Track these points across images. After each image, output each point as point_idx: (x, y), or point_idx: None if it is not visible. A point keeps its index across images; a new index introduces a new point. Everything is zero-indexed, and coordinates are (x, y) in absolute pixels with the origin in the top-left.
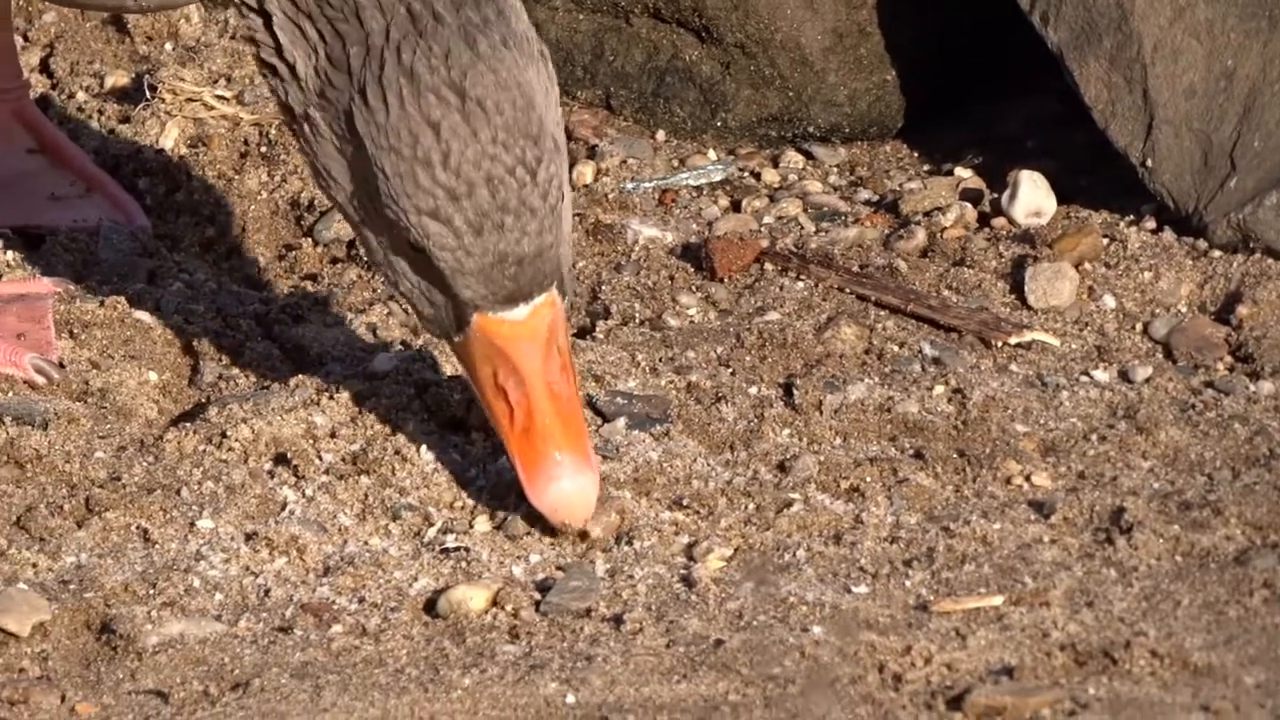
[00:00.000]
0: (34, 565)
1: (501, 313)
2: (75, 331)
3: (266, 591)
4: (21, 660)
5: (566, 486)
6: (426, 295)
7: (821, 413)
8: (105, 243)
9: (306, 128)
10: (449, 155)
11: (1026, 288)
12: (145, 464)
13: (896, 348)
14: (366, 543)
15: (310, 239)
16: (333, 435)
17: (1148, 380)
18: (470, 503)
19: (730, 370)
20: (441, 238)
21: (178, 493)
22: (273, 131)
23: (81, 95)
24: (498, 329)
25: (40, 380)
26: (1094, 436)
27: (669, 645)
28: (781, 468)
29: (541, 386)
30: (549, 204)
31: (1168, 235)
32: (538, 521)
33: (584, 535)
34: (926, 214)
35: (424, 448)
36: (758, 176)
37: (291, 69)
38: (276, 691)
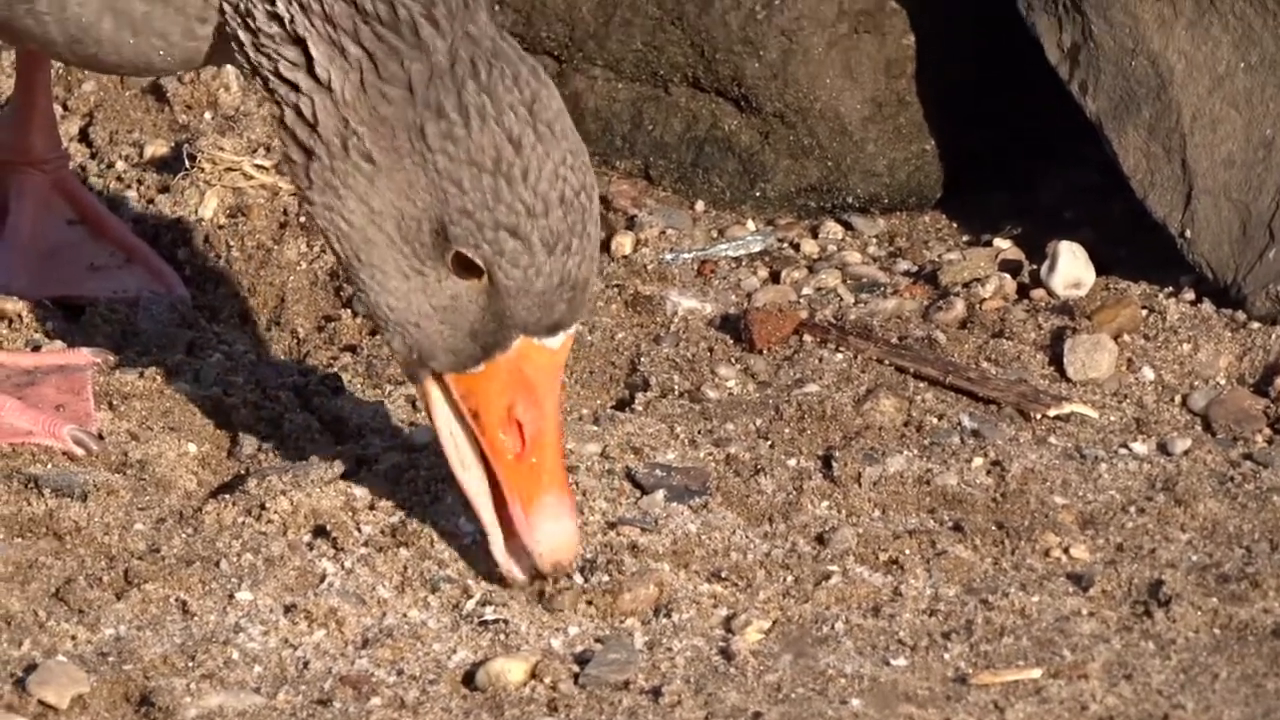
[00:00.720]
0: (73, 637)
1: (544, 339)
2: (114, 403)
3: (305, 664)
4: None
5: (566, 527)
6: (453, 324)
7: (860, 485)
8: (145, 313)
9: (336, 143)
10: (528, 172)
11: (1065, 360)
12: (184, 536)
13: (935, 420)
14: (405, 615)
15: (349, 310)
16: (371, 507)
17: (1186, 452)
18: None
19: (769, 442)
20: (517, 255)
21: (217, 565)
22: None
23: (121, 165)
24: (537, 356)
25: (79, 452)
26: (1132, 509)
27: (707, 717)
28: (820, 540)
29: (557, 424)
30: (598, 232)
31: (1206, 307)
32: (500, 575)
33: (553, 579)
34: (965, 285)
35: (463, 520)
36: (797, 247)
37: (326, 86)
38: None
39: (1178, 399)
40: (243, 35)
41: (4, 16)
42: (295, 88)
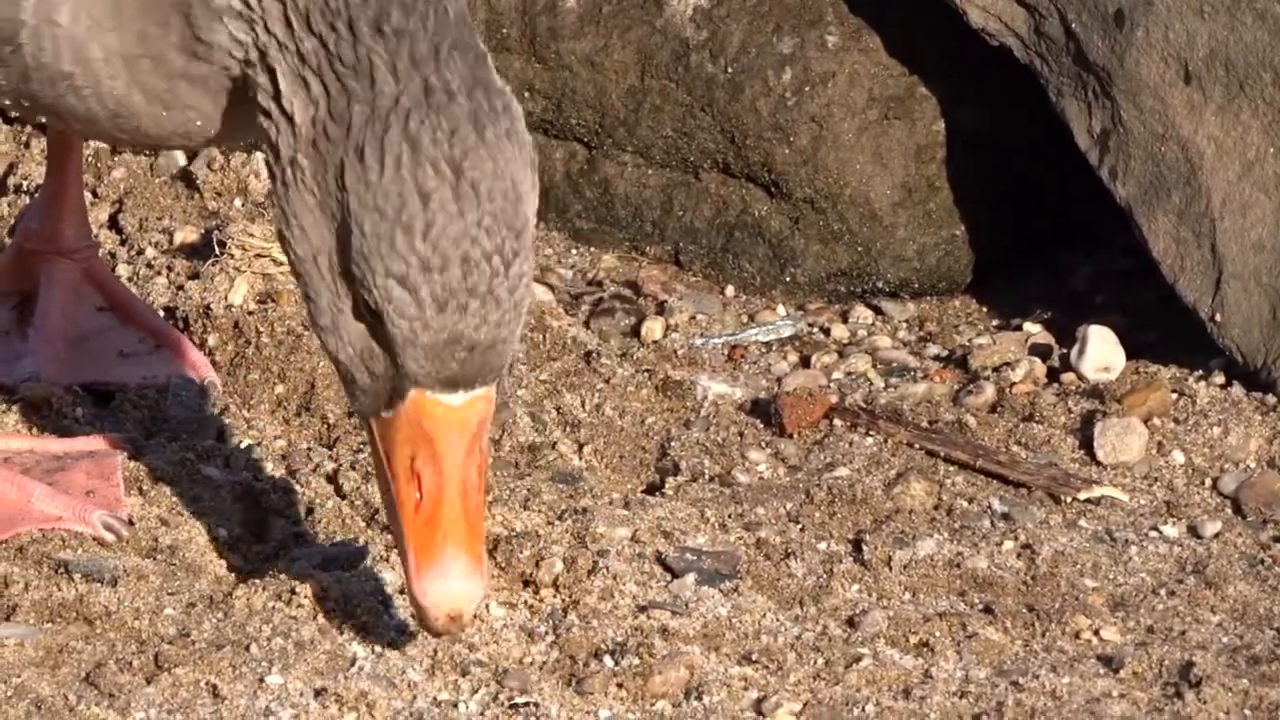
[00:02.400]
0: None
1: (439, 394)
2: (144, 488)
3: None
4: None
5: (455, 586)
6: (367, 365)
7: (891, 568)
8: (174, 399)
9: (288, 172)
10: (431, 227)
11: (1096, 443)
12: (214, 620)
13: (966, 503)
14: (435, 698)
15: None
16: (402, 592)
17: (1216, 535)
18: (540, 658)
19: (800, 526)
20: (403, 304)
21: (247, 649)
22: None
23: (150, 251)
24: (431, 410)
25: (109, 537)
26: (1163, 591)
27: None
28: (851, 623)
29: (457, 479)
30: (515, 299)
31: (1237, 390)
32: (409, 634)
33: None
34: (995, 369)
35: (493, 604)
36: (827, 332)
37: (289, 117)
38: None
39: (1208, 482)
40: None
41: (50, 96)
42: (267, 114)
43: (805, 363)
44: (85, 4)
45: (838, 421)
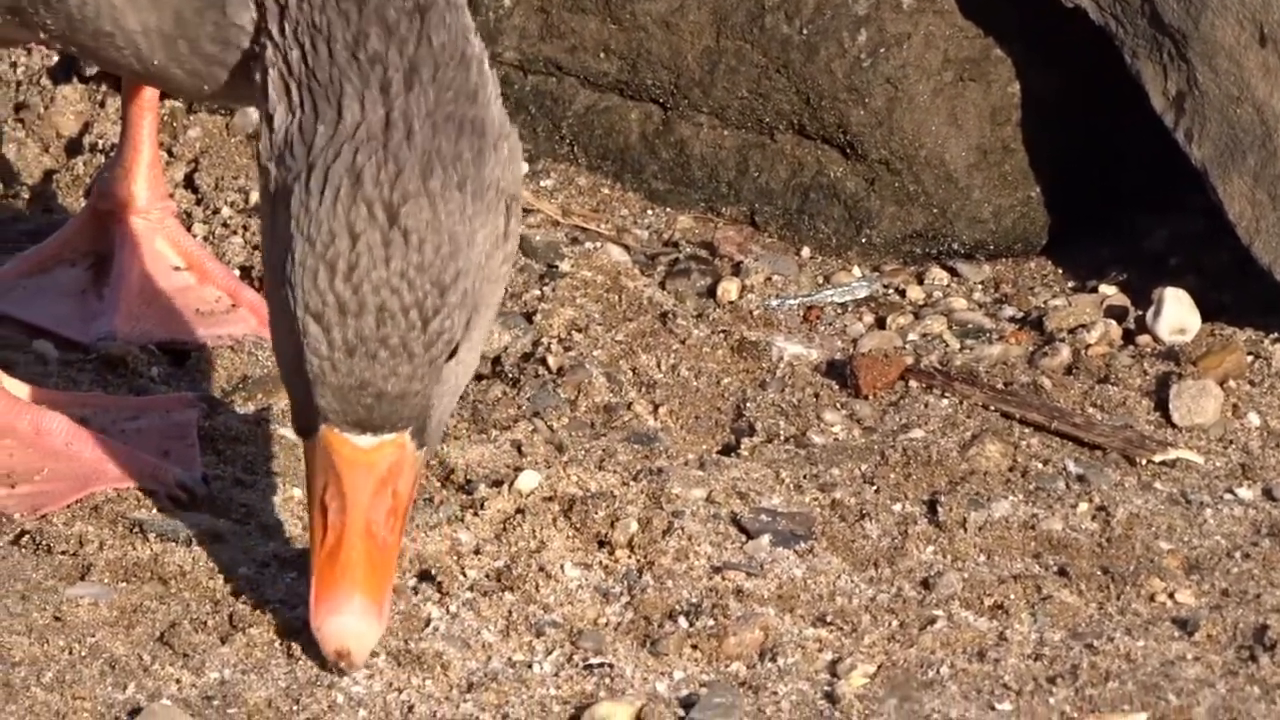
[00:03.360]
0: (177, 681)
1: (347, 433)
2: (219, 447)
3: (410, 708)
4: None
5: (348, 625)
6: (293, 388)
7: (966, 530)
8: (250, 358)
9: (261, 178)
10: (354, 269)
11: (1171, 405)
12: (288, 580)
13: (1041, 465)
14: (510, 659)
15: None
16: (477, 552)
17: None
18: (614, 619)
19: (874, 487)
20: (316, 342)
21: None
22: None
23: (226, 210)
24: (339, 447)
25: (184, 497)
26: (1237, 554)
27: None
28: (925, 585)
29: (360, 521)
30: (430, 355)
31: None
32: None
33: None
34: (1071, 331)
35: (568, 564)
36: (902, 293)
37: (269, 122)
38: None
39: None
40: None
41: (94, 48)
42: (260, 114)
43: (881, 324)
44: None
45: (913, 383)
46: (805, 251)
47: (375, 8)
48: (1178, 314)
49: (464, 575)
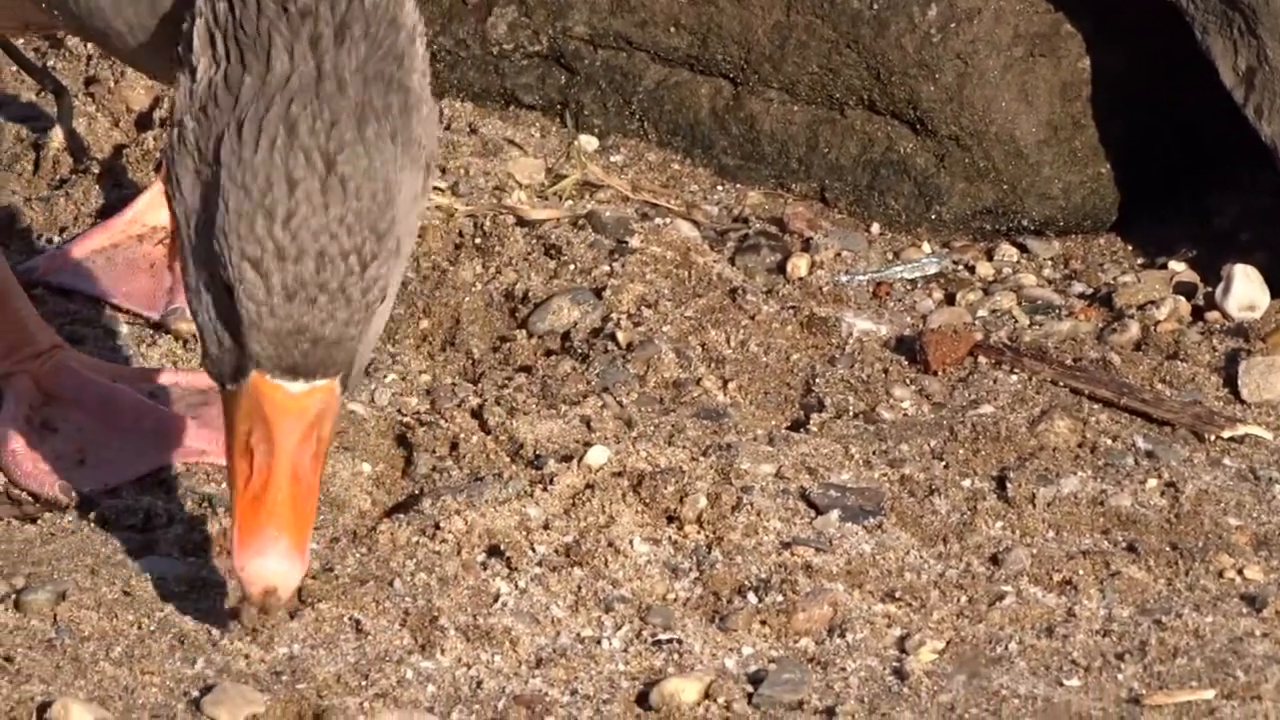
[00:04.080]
0: (246, 656)
1: (280, 379)
2: None
3: (479, 683)
4: None
5: (272, 565)
6: (218, 336)
7: (1034, 506)
8: None
9: (175, 131)
10: (293, 216)
11: (1240, 381)
12: (358, 555)
13: (1110, 441)
14: (579, 635)
15: (525, 331)
16: (546, 527)
17: None
18: (683, 594)
19: (944, 463)
20: (253, 288)
21: (390, 584)
22: (487, 223)
23: None
24: (270, 393)
25: None
26: None
27: None
28: (994, 560)
29: (287, 464)
30: (366, 300)
31: None
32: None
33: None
34: (1140, 307)
35: (637, 539)
36: (972, 269)
37: (191, 73)
38: None
39: None
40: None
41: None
42: (180, 63)
43: (950, 300)
44: None
45: (982, 359)
46: (875, 228)
47: None
48: (1247, 290)
49: (533, 550)
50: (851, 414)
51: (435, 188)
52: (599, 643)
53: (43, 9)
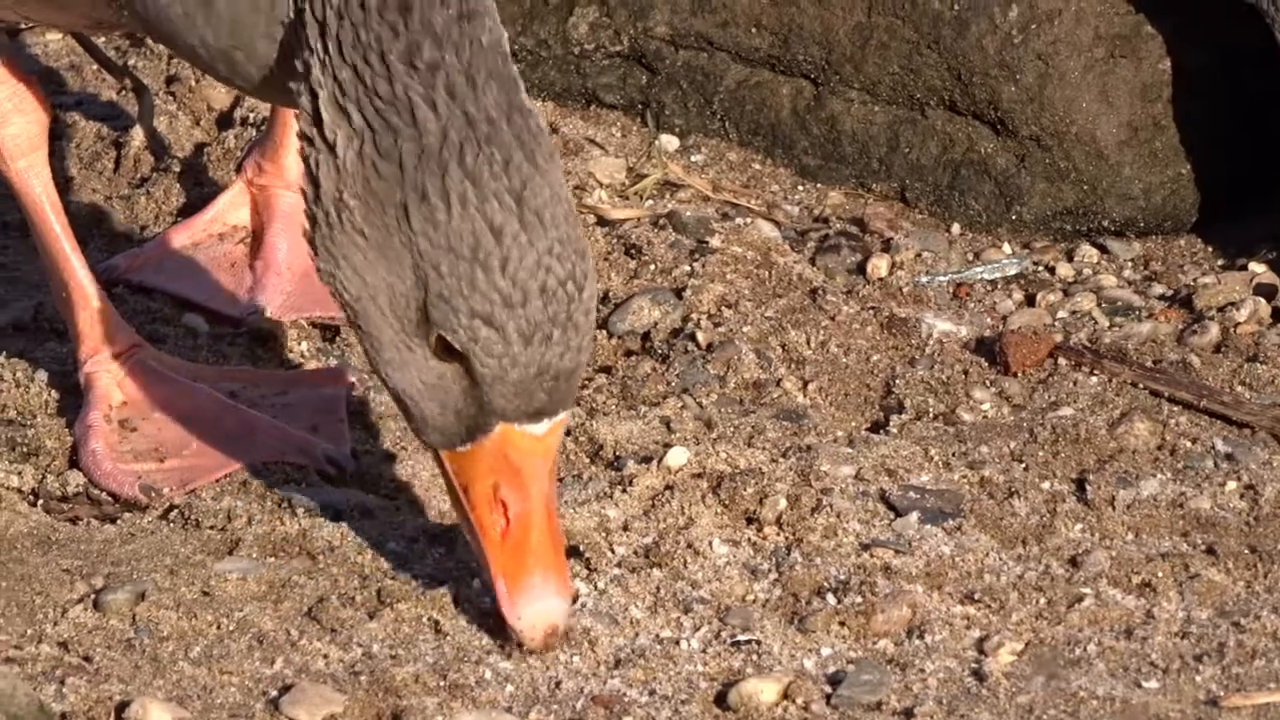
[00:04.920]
0: (325, 656)
1: (526, 426)
2: (369, 422)
3: (558, 683)
4: None
5: (548, 606)
6: (440, 402)
7: (1114, 508)
8: None
9: (333, 213)
10: (508, 261)
11: None
12: (437, 555)
13: (1189, 444)
14: (658, 636)
15: (605, 331)
16: (625, 528)
17: None
18: (762, 596)
19: (1023, 465)
20: (490, 344)
21: (469, 584)
22: None
23: None
24: (518, 442)
25: (333, 472)
26: None
27: None
28: (1073, 562)
29: (543, 504)
30: (589, 321)
31: None
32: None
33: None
34: (1220, 309)
35: (716, 541)
36: (1052, 270)
37: (331, 148)
38: None
39: None
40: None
41: (172, 47)
42: (309, 140)
43: (1030, 301)
44: None
45: (1062, 360)
46: (955, 228)
47: (421, 18)
48: None
49: (612, 552)
50: (931, 416)
51: None
52: (678, 643)
53: (112, 9)
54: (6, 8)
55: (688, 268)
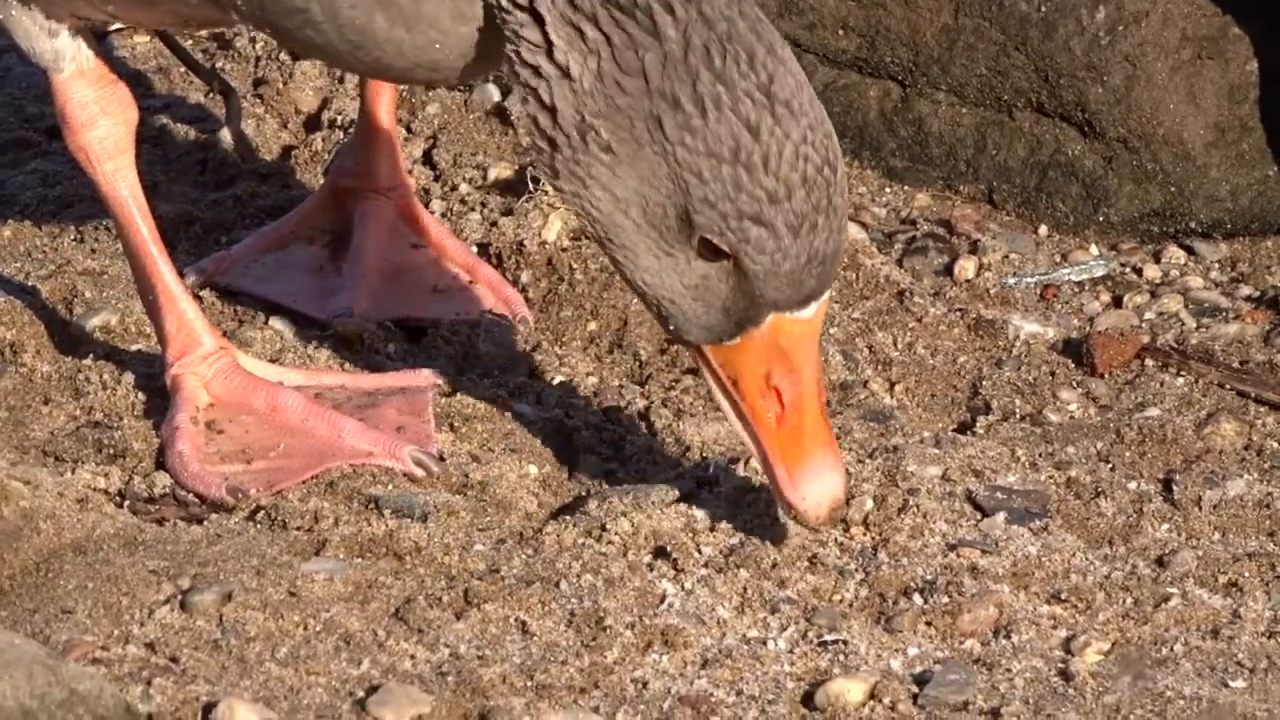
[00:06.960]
0: (412, 657)
1: (796, 312)
2: (455, 424)
3: (644, 684)
4: None
5: (829, 482)
6: (705, 302)
7: (1200, 508)
8: (486, 335)
9: (575, 136)
10: (769, 158)
11: None
12: (524, 557)
13: (1276, 444)
14: (745, 635)
15: None
16: (712, 529)
17: None
18: (849, 595)
19: (1110, 465)
20: (762, 241)
21: (556, 585)
22: None
23: (464, 187)
24: (790, 329)
25: (419, 473)
26: None
27: None
28: (1160, 562)
29: (815, 384)
30: (846, 200)
31: None
32: (778, 528)
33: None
34: None
35: (803, 541)
36: (1139, 272)
37: (564, 72)
38: None
39: None
40: (497, 14)
41: (288, 28)
42: (537, 72)
43: (1117, 302)
44: None
45: (1149, 361)
46: (1042, 229)
47: None
48: None
49: (699, 552)
50: (1018, 416)
51: None
52: (765, 643)
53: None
54: (93, 5)
55: None
